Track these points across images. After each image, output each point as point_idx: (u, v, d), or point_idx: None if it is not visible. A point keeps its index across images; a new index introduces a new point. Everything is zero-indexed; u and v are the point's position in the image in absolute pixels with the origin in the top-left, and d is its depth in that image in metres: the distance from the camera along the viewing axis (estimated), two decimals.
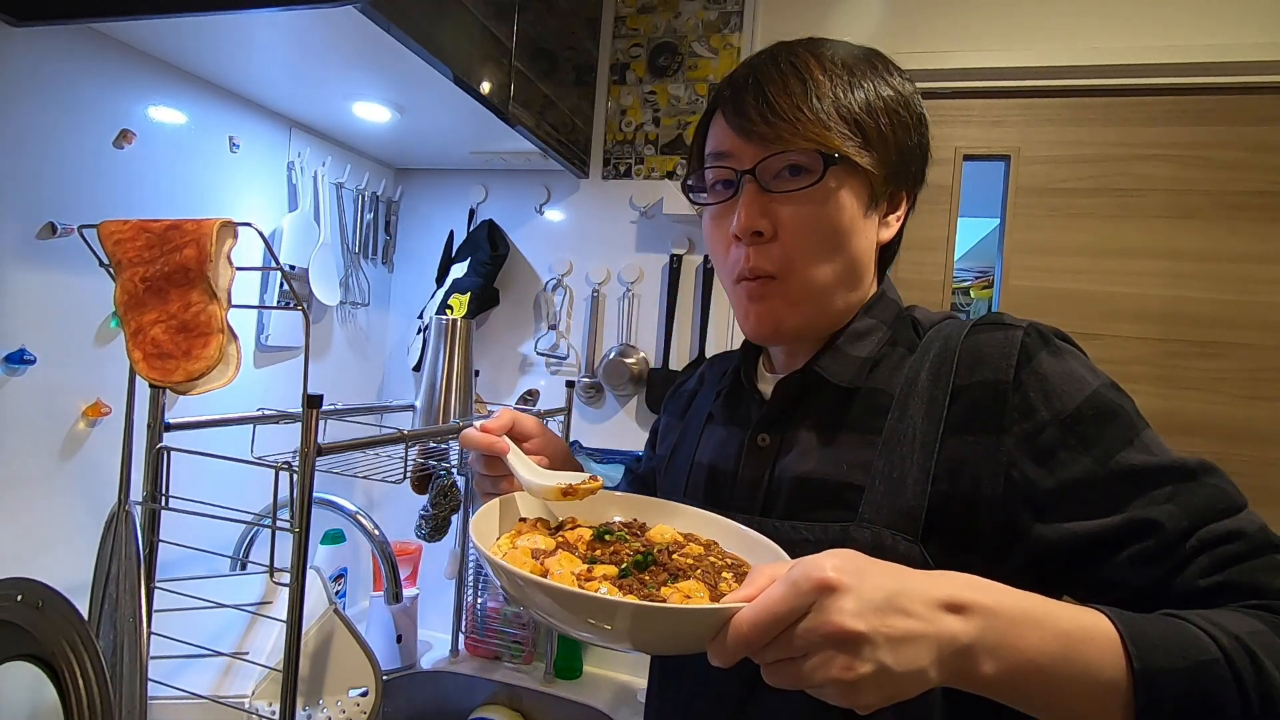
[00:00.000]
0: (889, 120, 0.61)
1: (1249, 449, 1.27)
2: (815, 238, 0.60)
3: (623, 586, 0.48)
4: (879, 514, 0.56)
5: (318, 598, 1.10)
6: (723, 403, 0.74)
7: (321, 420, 0.84)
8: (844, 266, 0.62)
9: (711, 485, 0.69)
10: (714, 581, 0.50)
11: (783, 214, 0.60)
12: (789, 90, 0.59)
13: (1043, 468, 0.53)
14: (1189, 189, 1.32)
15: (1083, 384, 0.55)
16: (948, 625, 0.41)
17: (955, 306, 1.84)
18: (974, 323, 0.61)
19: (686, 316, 1.53)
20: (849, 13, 1.44)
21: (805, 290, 0.62)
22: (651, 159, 1.55)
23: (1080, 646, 0.43)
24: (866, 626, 0.39)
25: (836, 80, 0.60)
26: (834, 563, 0.40)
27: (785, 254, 0.61)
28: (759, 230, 0.60)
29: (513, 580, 0.45)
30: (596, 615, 0.43)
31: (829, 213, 0.60)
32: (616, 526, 0.60)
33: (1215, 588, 0.48)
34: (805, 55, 0.62)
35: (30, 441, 0.97)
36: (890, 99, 0.62)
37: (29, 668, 0.75)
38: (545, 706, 1.41)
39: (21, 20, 0.89)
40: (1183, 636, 0.44)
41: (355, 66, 1.09)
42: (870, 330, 0.65)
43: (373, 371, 1.71)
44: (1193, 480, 0.51)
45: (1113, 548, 0.51)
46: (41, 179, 0.96)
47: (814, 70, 0.60)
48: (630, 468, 0.92)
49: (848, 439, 0.61)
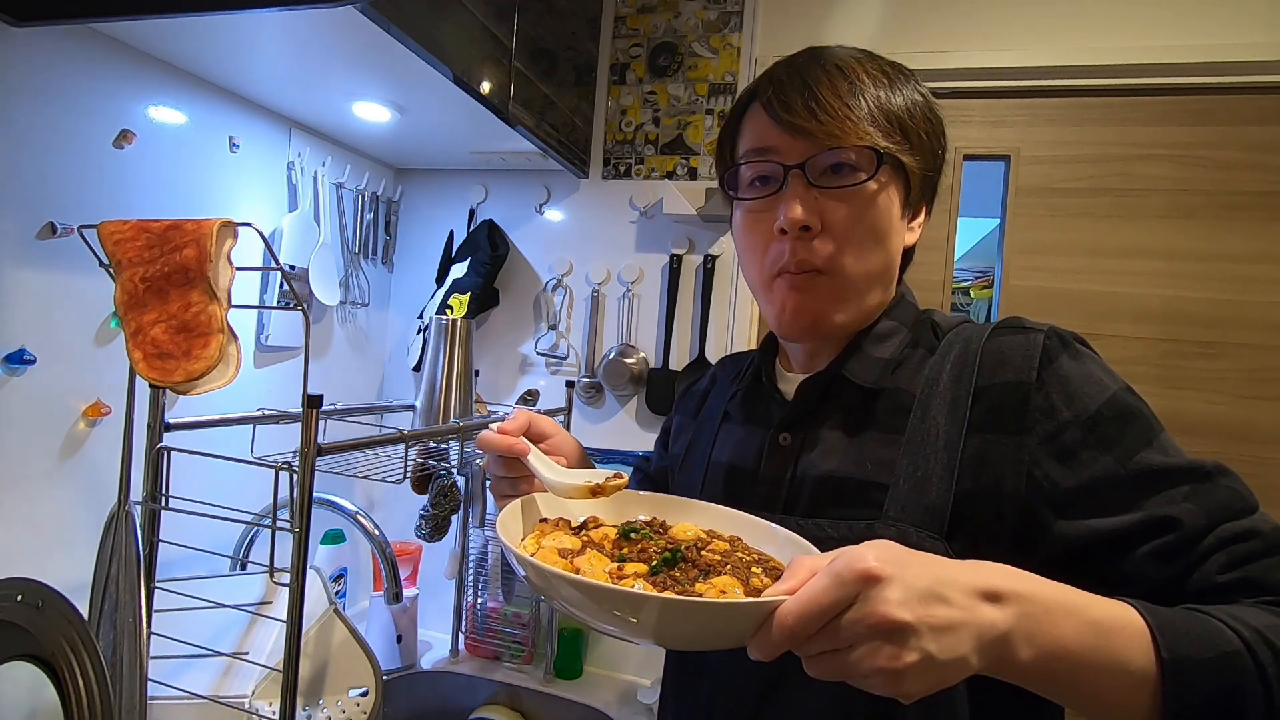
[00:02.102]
0: (927, 126, 0.63)
1: (1249, 449, 1.27)
2: (861, 234, 0.61)
3: (656, 584, 0.48)
4: (904, 512, 0.57)
5: (318, 598, 1.10)
6: (740, 402, 0.74)
7: (321, 420, 0.84)
8: (882, 265, 0.64)
9: (730, 484, 0.69)
10: (745, 577, 0.50)
11: (829, 210, 0.61)
12: (837, 89, 0.60)
13: (1065, 466, 0.54)
14: (1189, 189, 1.32)
15: (1102, 387, 0.56)
16: (986, 613, 0.42)
17: (955, 306, 1.84)
18: (995, 326, 0.62)
19: (686, 316, 1.53)
20: (849, 13, 1.44)
21: (849, 286, 0.62)
22: (651, 159, 1.55)
23: (1111, 636, 0.44)
24: (912, 616, 0.39)
25: (879, 83, 0.62)
26: (876, 553, 0.40)
27: (831, 249, 0.61)
28: (807, 225, 0.60)
29: (556, 582, 0.45)
30: (642, 612, 0.43)
31: (874, 211, 0.61)
32: (640, 525, 0.60)
33: (1232, 584, 0.49)
34: (848, 57, 0.63)
35: (30, 441, 0.97)
36: (924, 106, 0.64)
37: (29, 668, 0.75)
38: (545, 706, 1.41)
39: (21, 20, 0.89)
40: (1207, 629, 0.45)
41: (355, 66, 1.09)
42: (892, 332, 0.66)
43: (373, 371, 1.71)
44: (1209, 481, 0.52)
45: (1133, 543, 0.52)
46: (41, 179, 0.96)
47: (858, 71, 0.61)
48: (640, 467, 0.92)
49: (871, 438, 0.61)
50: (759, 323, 1.52)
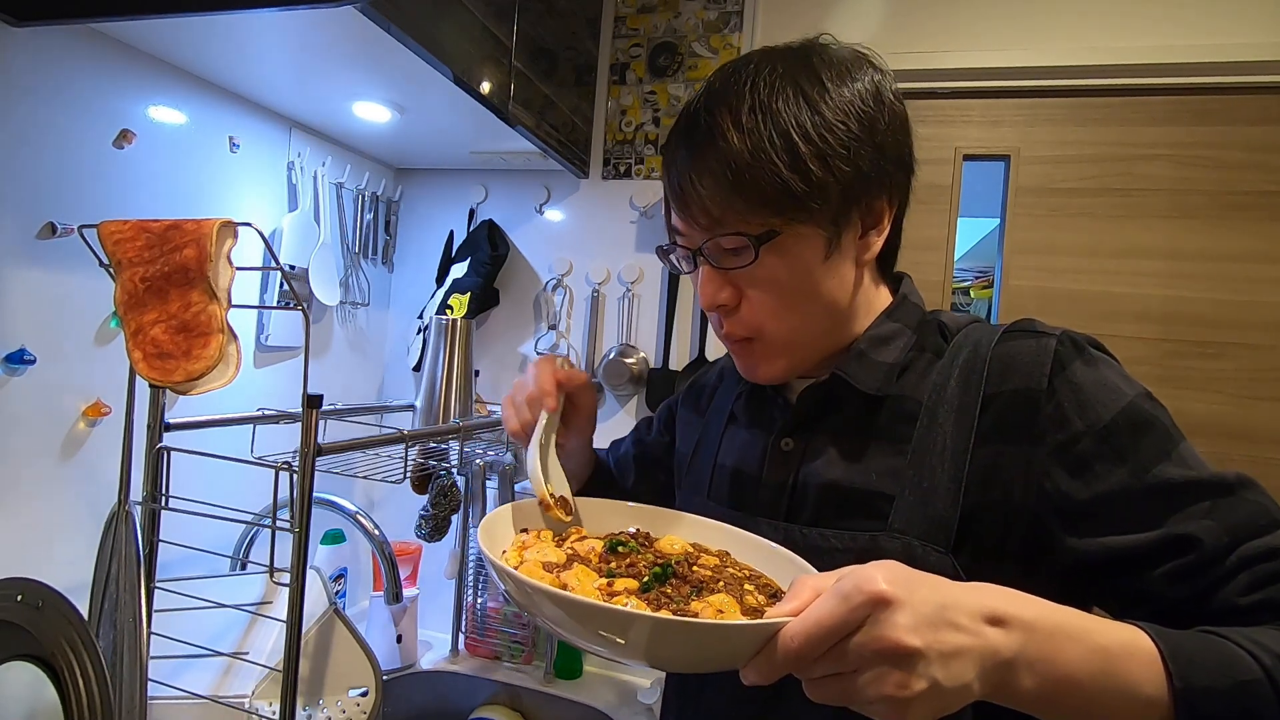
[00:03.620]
0: (836, 139, 0.56)
1: (1249, 449, 1.27)
2: (777, 301, 0.60)
3: (649, 601, 0.46)
4: (909, 524, 0.55)
5: (318, 598, 1.10)
6: (745, 403, 0.73)
7: (321, 420, 0.84)
8: (818, 315, 0.62)
9: (735, 488, 0.69)
10: (739, 594, 0.49)
11: (741, 284, 0.61)
12: (708, 169, 0.57)
13: (1077, 480, 0.52)
14: (1189, 189, 1.32)
15: (1118, 394, 0.54)
16: (991, 638, 0.41)
17: (955, 306, 1.84)
18: (1005, 329, 0.60)
19: (686, 316, 1.53)
20: (849, 12, 1.44)
21: (783, 345, 0.63)
22: (651, 159, 1.55)
23: (1119, 663, 0.42)
24: (922, 642, 0.38)
25: (755, 134, 0.56)
26: (885, 575, 0.39)
27: (753, 319, 0.61)
28: (722, 304, 0.61)
29: (540, 598, 0.43)
30: (633, 632, 0.41)
31: (781, 278, 0.59)
32: (626, 537, 0.59)
33: (1255, 605, 0.47)
34: (721, 115, 0.57)
35: (30, 441, 0.97)
36: (861, 107, 0.58)
37: (29, 668, 0.75)
38: (545, 706, 1.41)
39: (22, 20, 0.89)
40: (1223, 655, 0.43)
41: (355, 66, 1.09)
42: (894, 335, 0.63)
43: (373, 371, 1.71)
44: (1231, 495, 0.50)
45: (1150, 563, 0.50)
46: (41, 179, 0.96)
47: (729, 133, 0.56)
48: (640, 429, 0.92)
49: (876, 447, 0.60)
50: None
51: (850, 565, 0.42)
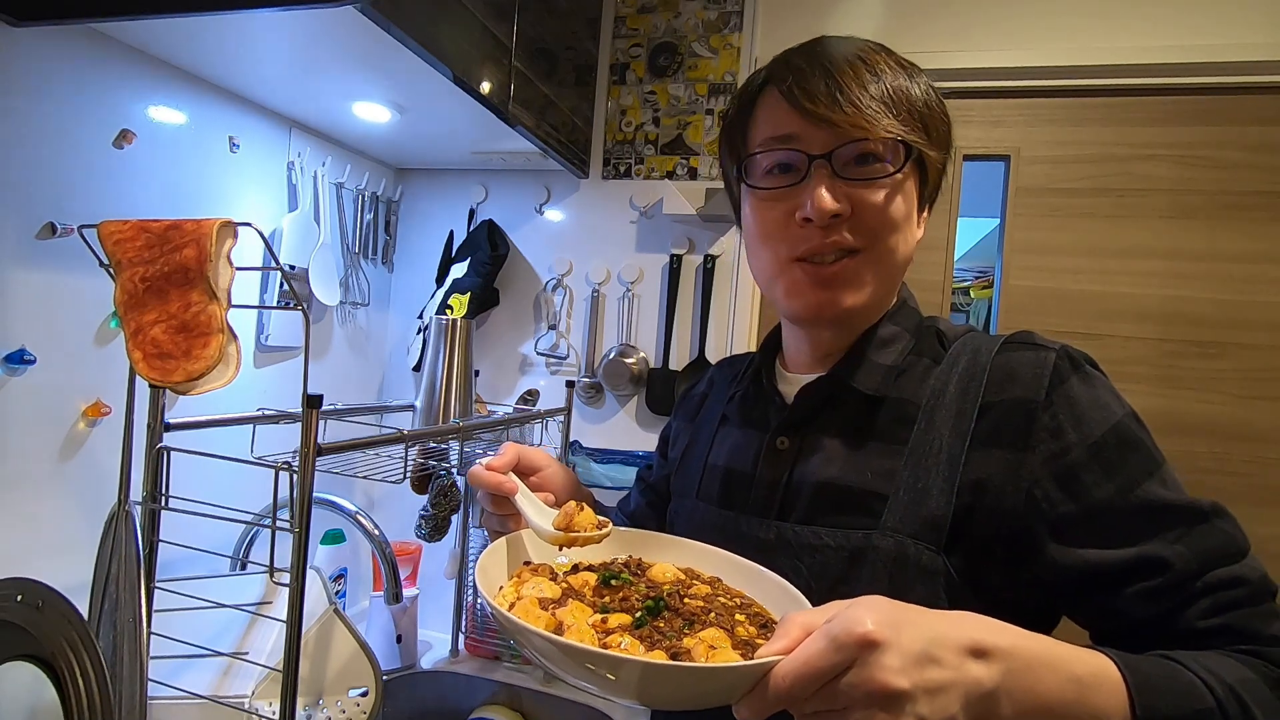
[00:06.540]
0: (942, 122, 0.63)
1: (1249, 449, 1.27)
2: (888, 225, 0.61)
3: (642, 639, 0.47)
4: (903, 523, 0.56)
5: (317, 597, 1.10)
6: (738, 404, 0.73)
7: (321, 420, 0.84)
8: (904, 256, 0.64)
9: (726, 487, 0.69)
10: (730, 625, 0.49)
11: (856, 200, 0.60)
12: (860, 78, 0.59)
13: (1065, 490, 0.54)
14: (1189, 189, 1.32)
15: (1110, 412, 0.56)
16: (974, 671, 0.42)
17: (955, 306, 1.84)
18: (1005, 340, 0.62)
19: (686, 316, 1.53)
20: (849, 12, 1.44)
21: (884, 264, 0.62)
22: (651, 159, 1.55)
23: (1089, 692, 0.44)
24: (910, 683, 0.39)
25: (899, 75, 0.61)
26: (873, 617, 0.40)
27: (872, 223, 0.60)
28: (838, 214, 0.59)
29: (534, 640, 0.44)
30: (624, 673, 0.41)
31: (899, 202, 0.61)
32: (619, 568, 0.59)
33: (1213, 630, 0.50)
34: (869, 49, 0.62)
35: (30, 441, 0.97)
36: (938, 101, 0.63)
37: (29, 668, 0.75)
38: (545, 706, 1.41)
39: (22, 20, 0.89)
40: (1181, 683, 0.46)
41: (355, 66, 1.09)
42: (895, 338, 0.65)
43: (373, 371, 1.71)
44: (1204, 523, 0.52)
45: (1121, 580, 0.52)
46: (41, 179, 0.96)
47: (879, 62, 0.60)
48: (642, 475, 0.91)
49: (872, 447, 0.60)
50: (759, 323, 1.52)
51: (841, 567, 0.43)
